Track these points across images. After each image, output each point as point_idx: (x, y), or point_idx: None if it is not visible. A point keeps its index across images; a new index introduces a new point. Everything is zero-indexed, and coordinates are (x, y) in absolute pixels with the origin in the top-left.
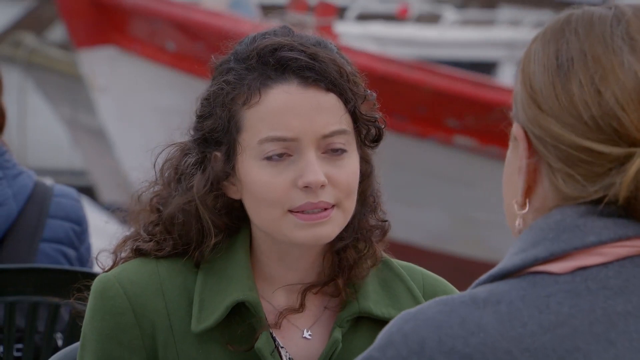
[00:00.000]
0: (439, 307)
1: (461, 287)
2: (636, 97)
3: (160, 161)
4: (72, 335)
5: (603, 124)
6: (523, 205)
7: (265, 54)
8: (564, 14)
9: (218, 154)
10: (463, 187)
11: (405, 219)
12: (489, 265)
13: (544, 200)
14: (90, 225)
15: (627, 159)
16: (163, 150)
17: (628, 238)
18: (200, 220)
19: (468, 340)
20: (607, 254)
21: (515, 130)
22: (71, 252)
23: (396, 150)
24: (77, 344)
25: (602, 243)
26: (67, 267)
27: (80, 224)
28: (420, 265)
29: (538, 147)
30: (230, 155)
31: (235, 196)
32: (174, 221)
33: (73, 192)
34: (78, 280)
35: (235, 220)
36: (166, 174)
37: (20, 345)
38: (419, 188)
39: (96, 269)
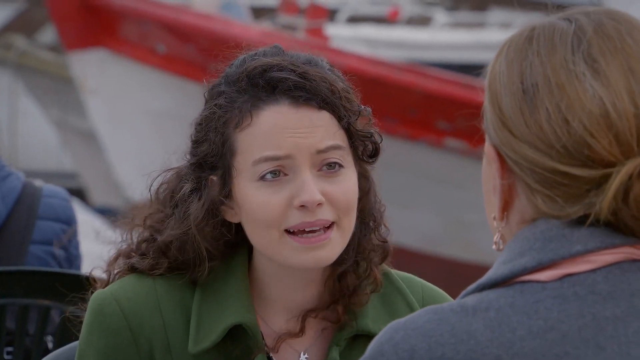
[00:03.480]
0: (429, 315)
1: (453, 289)
2: (604, 122)
3: (156, 183)
4: (62, 338)
5: (574, 150)
6: (501, 219)
7: (254, 76)
8: (527, 28)
9: (214, 178)
10: (454, 189)
11: (396, 222)
12: (480, 268)
13: (522, 214)
14: (81, 228)
15: (603, 179)
16: (159, 175)
17: (615, 246)
18: (197, 248)
19: (458, 348)
20: (595, 261)
21: (487, 150)
22: (60, 253)
23: (387, 153)
24: (67, 347)
25: (588, 252)
26: (57, 269)
27: (69, 224)
28: (411, 268)
29: (514, 168)
30: (226, 179)
31: (234, 220)
32: (169, 247)
33: (62, 191)
34: (68, 282)
35: (232, 246)
36: (161, 197)
37: (10, 348)
38: (410, 190)
39: (87, 269)
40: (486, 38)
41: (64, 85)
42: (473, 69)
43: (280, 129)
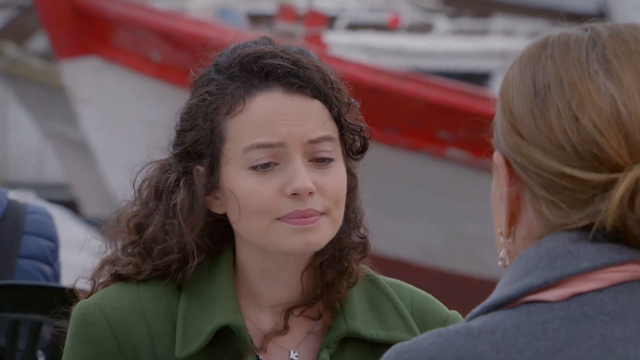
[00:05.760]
0: (433, 338)
1: (454, 303)
2: (614, 121)
3: (139, 180)
4: (54, 354)
5: (583, 150)
6: (508, 235)
7: (247, 62)
8: (541, 37)
9: (200, 167)
10: (456, 201)
11: (397, 234)
12: (482, 281)
13: (530, 229)
14: (73, 240)
15: (610, 185)
16: (142, 169)
17: (622, 263)
18: (183, 241)
19: None
20: (602, 279)
21: (496, 158)
22: (47, 269)
23: (387, 163)
24: None
25: (596, 269)
26: (49, 283)
27: (54, 241)
28: (412, 281)
29: (520, 174)
30: (214, 168)
31: (219, 210)
32: (154, 242)
33: (46, 209)
34: (59, 297)
35: (217, 242)
36: (145, 193)
37: None
38: (411, 202)
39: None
40: (489, 46)
41: (55, 94)
42: (476, 77)
43: (274, 116)
